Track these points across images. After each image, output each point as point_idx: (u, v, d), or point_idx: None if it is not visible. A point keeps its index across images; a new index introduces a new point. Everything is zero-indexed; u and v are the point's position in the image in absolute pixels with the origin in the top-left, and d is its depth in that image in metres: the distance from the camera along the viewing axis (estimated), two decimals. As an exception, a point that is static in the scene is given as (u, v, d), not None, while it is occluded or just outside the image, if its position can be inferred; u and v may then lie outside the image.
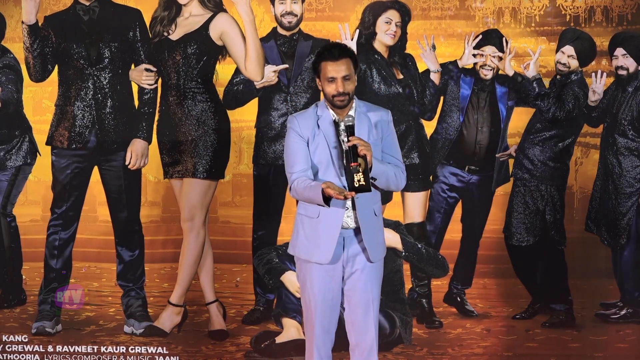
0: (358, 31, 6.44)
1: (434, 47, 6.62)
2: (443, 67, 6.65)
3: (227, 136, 6.30)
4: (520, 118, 6.83)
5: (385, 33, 6.52)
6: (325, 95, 4.72)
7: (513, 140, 6.82)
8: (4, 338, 6.30)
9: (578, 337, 6.45)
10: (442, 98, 6.73)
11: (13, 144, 6.77)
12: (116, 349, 6.23)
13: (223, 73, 6.44)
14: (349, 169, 4.55)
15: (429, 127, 6.75)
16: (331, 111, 4.74)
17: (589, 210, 6.77)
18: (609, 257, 6.75)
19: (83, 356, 6.21)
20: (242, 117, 6.95)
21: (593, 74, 6.51)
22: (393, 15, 6.52)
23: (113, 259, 6.57)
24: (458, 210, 6.88)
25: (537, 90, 6.55)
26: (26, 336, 6.32)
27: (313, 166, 4.71)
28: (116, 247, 6.51)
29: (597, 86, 6.49)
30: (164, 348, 6.21)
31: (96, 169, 6.42)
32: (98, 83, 6.27)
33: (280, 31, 6.59)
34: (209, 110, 6.20)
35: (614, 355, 6.25)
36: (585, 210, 6.85)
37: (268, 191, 6.61)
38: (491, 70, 6.65)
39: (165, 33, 6.24)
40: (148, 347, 6.22)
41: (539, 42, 7.07)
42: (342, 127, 4.66)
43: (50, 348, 6.24)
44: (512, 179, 6.77)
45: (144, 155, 6.32)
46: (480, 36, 6.66)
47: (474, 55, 6.64)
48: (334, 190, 4.52)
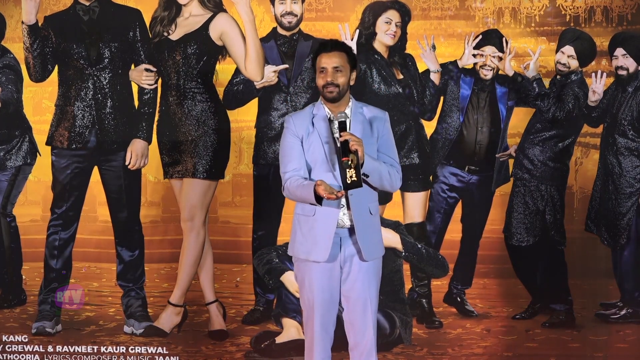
0: (358, 31, 6.44)
1: (434, 47, 6.62)
2: (443, 67, 6.65)
3: (227, 136, 6.30)
4: (520, 118, 6.83)
5: (385, 33, 6.52)
6: (318, 89, 4.76)
7: (513, 140, 6.82)
8: (4, 338, 6.30)
9: (578, 337, 6.45)
10: (442, 98, 6.73)
11: (13, 144, 6.77)
12: (116, 349, 6.23)
13: (223, 73, 6.44)
14: (341, 165, 4.57)
15: (429, 127, 6.76)
16: (326, 109, 4.77)
17: (589, 210, 6.77)
18: (609, 257, 6.75)
19: (83, 356, 6.21)
20: (242, 117, 6.94)
21: (593, 74, 6.51)
22: (393, 15, 6.52)
23: (113, 259, 6.57)
24: (458, 210, 6.88)
25: (537, 90, 6.55)
26: (26, 336, 6.31)
27: (307, 164, 4.74)
28: (116, 247, 6.51)
29: (597, 86, 6.49)
30: (164, 348, 6.21)
31: (96, 169, 6.42)
32: (98, 83, 6.27)
33: (280, 31, 6.59)
34: (209, 110, 6.20)
35: (614, 355, 6.25)
36: (585, 210, 6.85)
37: (268, 191, 6.61)
38: (491, 70, 6.65)
39: (165, 33, 6.24)
40: (148, 347, 6.22)
41: (539, 42, 7.07)
42: (335, 124, 4.68)
43: (50, 348, 6.24)
44: (512, 179, 6.77)
45: (144, 155, 6.32)
46: (480, 36, 6.66)
47: (474, 55, 6.64)
48: (326, 190, 4.53)
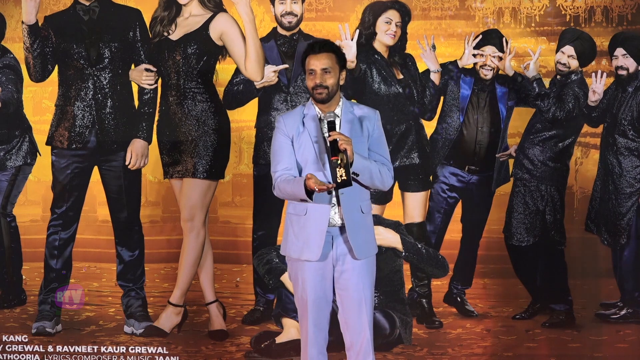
0: (358, 31, 6.44)
1: (434, 47, 6.62)
2: (443, 67, 6.65)
3: (227, 136, 6.30)
4: (520, 118, 6.83)
5: (385, 33, 6.52)
6: (308, 90, 4.76)
7: (513, 140, 6.82)
8: (4, 338, 6.30)
9: (578, 337, 6.45)
10: (442, 98, 6.73)
11: (13, 144, 6.77)
12: (116, 349, 6.23)
13: (223, 73, 6.44)
14: (331, 164, 4.59)
15: (429, 127, 6.75)
16: (317, 108, 4.79)
17: (589, 210, 6.77)
18: (609, 257, 6.75)
19: (83, 356, 6.21)
20: (242, 117, 6.94)
21: (593, 74, 6.51)
22: (393, 15, 6.52)
23: (113, 259, 6.57)
24: (458, 210, 6.88)
25: (537, 90, 6.55)
26: (26, 336, 6.32)
27: (298, 163, 4.75)
28: (116, 247, 6.52)
29: (597, 86, 6.49)
30: (164, 348, 6.21)
31: (96, 169, 6.42)
32: (98, 83, 6.27)
33: (280, 31, 6.59)
34: (209, 110, 6.20)
35: (614, 355, 6.25)
36: (585, 210, 6.85)
37: (268, 191, 6.57)
38: (491, 70, 6.65)
39: (165, 33, 6.24)
40: (148, 347, 6.22)
41: (539, 42, 7.06)
42: (325, 123, 4.69)
43: (50, 348, 6.25)
44: (512, 179, 6.77)
45: (144, 155, 6.32)
46: (480, 36, 6.66)
47: (474, 55, 6.64)
48: (316, 183, 4.54)
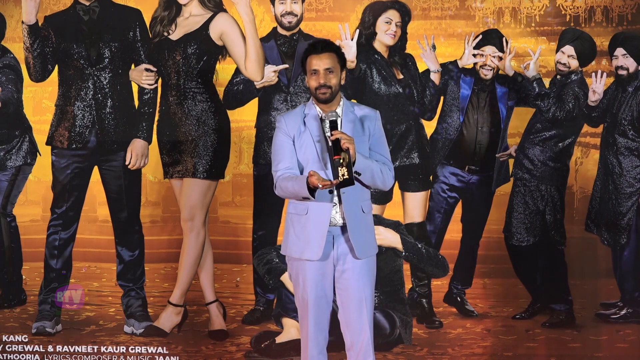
0: (358, 31, 6.44)
1: (434, 47, 6.62)
2: (443, 67, 6.65)
3: (227, 136, 6.30)
4: (520, 118, 6.83)
5: (385, 33, 6.52)
6: (309, 90, 4.76)
7: (513, 140, 6.82)
8: (4, 338, 6.30)
9: (578, 337, 6.45)
10: (442, 98, 6.73)
11: (13, 144, 6.77)
12: (116, 349, 6.23)
13: (223, 73, 6.44)
14: (333, 164, 4.58)
15: (429, 127, 6.76)
16: (317, 108, 4.79)
17: (589, 210, 6.77)
18: (609, 257, 6.75)
19: (83, 356, 6.21)
20: (242, 117, 6.94)
21: (593, 74, 6.50)
22: (393, 15, 6.52)
23: (113, 259, 6.57)
24: (458, 210, 6.88)
25: (537, 90, 6.55)
26: (26, 336, 6.32)
27: (299, 163, 4.75)
28: (116, 247, 6.52)
29: (597, 86, 6.49)
30: (164, 348, 6.21)
31: (96, 169, 6.42)
32: (98, 83, 6.27)
33: (280, 31, 6.59)
34: (209, 110, 6.20)
35: (614, 355, 6.25)
36: (585, 210, 6.85)
37: (268, 191, 6.54)
38: (491, 70, 6.65)
39: (165, 33, 6.24)
40: (148, 347, 6.22)
41: (539, 42, 7.06)
42: (327, 123, 4.69)
43: (50, 348, 6.24)
44: (512, 179, 6.77)
45: (144, 155, 6.32)
46: (480, 36, 6.66)
47: (474, 55, 6.64)
48: (319, 179, 4.54)
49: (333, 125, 4.65)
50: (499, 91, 6.70)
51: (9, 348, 6.27)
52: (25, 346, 6.26)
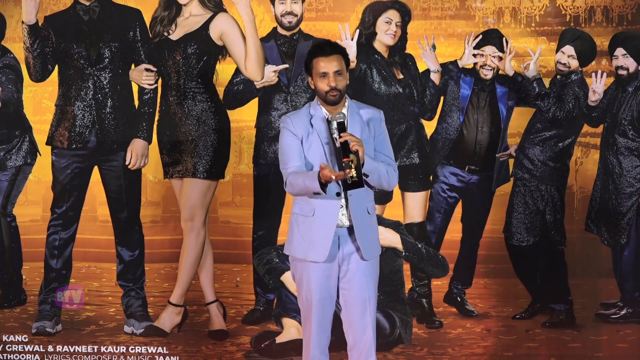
0: (358, 31, 6.44)
1: (434, 47, 6.62)
2: (443, 67, 6.65)
3: (227, 136, 6.30)
4: (520, 118, 6.83)
5: (385, 33, 6.52)
6: (317, 92, 4.74)
7: (513, 140, 6.83)
8: (4, 338, 6.29)
9: (578, 337, 6.45)
10: (442, 98, 6.73)
11: (13, 144, 6.77)
12: (116, 349, 6.23)
13: (223, 73, 6.44)
14: (342, 166, 4.57)
15: (429, 127, 6.76)
16: (324, 109, 4.77)
17: (589, 210, 6.77)
18: (609, 257, 6.75)
19: (83, 356, 6.21)
20: (242, 117, 6.95)
21: (593, 74, 6.50)
22: (393, 15, 6.52)
23: (113, 259, 6.56)
24: (458, 210, 6.88)
25: (537, 90, 6.55)
26: (26, 336, 6.31)
27: (307, 163, 4.73)
28: (116, 247, 6.51)
29: (597, 86, 6.49)
30: (164, 348, 6.21)
31: (96, 169, 6.42)
32: (98, 83, 6.27)
33: (280, 31, 6.59)
34: (209, 110, 6.20)
35: (614, 355, 6.25)
36: (585, 210, 6.85)
37: (268, 191, 6.61)
38: (491, 70, 6.65)
39: (165, 33, 6.24)
40: (148, 347, 6.22)
41: (539, 42, 7.07)
42: (334, 125, 4.68)
43: (50, 348, 6.24)
44: (512, 179, 6.77)
45: (144, 155, 6.32)
46: (480, 36, 6.66)
47: (474, 55, 6.64)
48: (332, 171, 4.52)
49: (341, 127, 4.62)
50: (499, 91, 6.70)
51: (9, 348, 6.27)
52: (25, 346, 6.26)
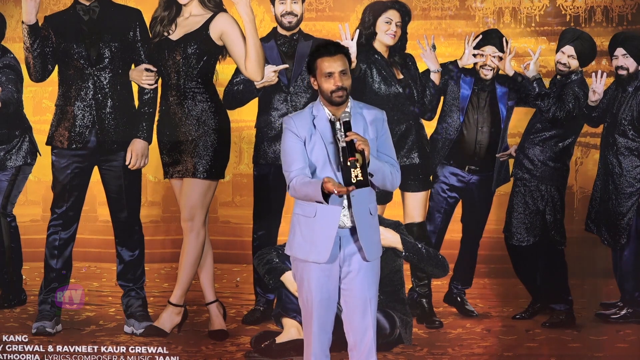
0: (358, 31, 6.44)
1: (434, 47, 6.62)
2: (443, 67, 6.65)
3: (227, 136, 6.30)
4: (520, 118, 6.83)
5: (385, 33, 6.52)
6: (322, 92, 4.72)
7: (513, 140, 6.83)
8: (4, 338, 6.30)
9: (578, 337, 6.45)
10: (442, 98, 6.73)
11: (13, 144, 6.77)
12: (116, 349, 6.23)
13: (223, 73, 6.44)
14: (345, 166, 4.55)
15: (429, 127, 6.76)
16: (327, 110, 4.75)
17: (589, 210, 6.77)
18: (609, 257, 6.75)
19: (83, 356, 6.21)
20: (242, 117, 6.94)
21: (593, 74, 6.51)
22: (393, 15, 6.52)
23: (113, 259, 6.57)
24: (458, 210, 6.88)
25: (537, 90, 6.55)
26: (26, 336, 6.32)
27: (310, 165, 4.72)
28: (116, 247, 6.52)
29: (597, 86, 6.49)
30: (164, 348, 6.21)
31: (96, 169, 6.42)
32: (98, 83, 6.27)
33: (280, 31, 6.59)
34: (209, 110, 6.20)
35: (614, 355, 6.25)
36: (585, 210, 6.85)
37: (268, 191, 6.61)
38: (491, 70, 6.65)
39: (165, 33, 6.24)
40: (148, 347, 6.22)
41: (539, 42, 7.07)
42: (338, 125, 4.67)
43: (50, 348, 6.24)
44: (512, 179, 6.77)
45: (144, 155, 6.32)
46: (480, 36, 6.66)
47: (474, 55, 6.64)
48: (334, 185, 4.52)
49: (347, 126, 4.60)
50: (499, 91, 6.70)
51: (9, 348, 6.27)
52: (25, 346, 6.26)
